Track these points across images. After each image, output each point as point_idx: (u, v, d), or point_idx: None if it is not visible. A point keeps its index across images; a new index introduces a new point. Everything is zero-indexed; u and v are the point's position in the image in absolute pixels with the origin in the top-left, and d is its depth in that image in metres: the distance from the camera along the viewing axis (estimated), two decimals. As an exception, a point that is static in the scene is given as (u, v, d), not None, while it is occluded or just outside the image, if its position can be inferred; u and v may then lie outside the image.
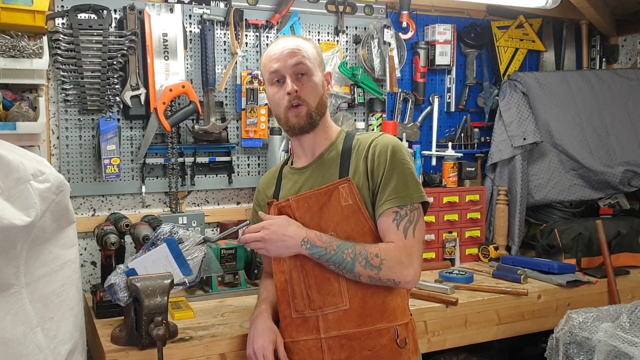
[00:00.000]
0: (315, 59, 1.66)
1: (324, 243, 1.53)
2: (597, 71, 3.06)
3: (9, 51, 1.97)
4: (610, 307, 2.01)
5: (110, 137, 2.19)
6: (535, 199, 2.78)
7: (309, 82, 1.62)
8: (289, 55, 1.62)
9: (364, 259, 1.50)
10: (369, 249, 1.52)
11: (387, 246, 1.52)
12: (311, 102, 1.62)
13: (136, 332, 1.61)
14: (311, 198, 1.61)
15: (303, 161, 1.71)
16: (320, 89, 1.65)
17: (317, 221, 1.59)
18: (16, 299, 1.46)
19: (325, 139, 1.68)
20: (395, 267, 1.51)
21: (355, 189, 1.56)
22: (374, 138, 1.62)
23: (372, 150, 1.58)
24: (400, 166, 1.56)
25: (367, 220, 1.56)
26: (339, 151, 1.65)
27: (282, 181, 1.75)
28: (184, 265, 1.69)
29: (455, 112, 2.95)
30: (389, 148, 1.57)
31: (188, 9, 2.38)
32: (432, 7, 2.86)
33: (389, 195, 1.54)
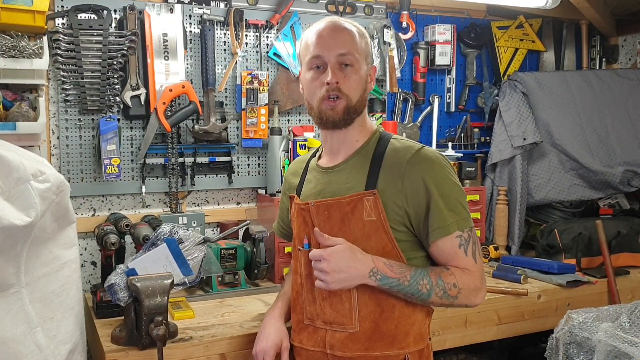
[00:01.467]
0: (364, 50, 1.48)
1: (397, 273, 1.38)
2: (597, 71, 3.05)
3: (9, 51, 1.97)
4: (610, 307, 2.01)
5: (110, 137, 2.19)
6: (535, 199, 2.78)
7: (354, 75, 1.45)
8: (337, 41, 1.44)
9: (442, 289, 1.39)
10: (445, 277, 1.40)
11: (463, 274, 1.41)
12: (352, 97, 1.45)
13: (136, 332, 1.61)
14: (332, 207, 1.47)
15: (330, 159, 1.56)
16: (364, 84, 1.48)
17: (335, 233, 1.44)
18: (16, 298, 1.46)
19: (356, 140, 1.51)
20: (471, 294, 1.42)
21: (381, 205, 1.41)
22: (413, 153, 1.43)
23: (410, 169, 1.41)
24: (452, 187, 1.42)
25: (389, 240, 1.42)
26: (370, 156, 1.48)
27: (307, 175, 1.62)
28: (184, 265, 1.69)
29: (455, 112, 2.95)
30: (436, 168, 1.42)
31: (188, 9, 2.38)
32: (432, 7, 2.86)
33: (442, 222, 1.39)
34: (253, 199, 2.58)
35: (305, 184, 1.60)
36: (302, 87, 1.53)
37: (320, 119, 1.48)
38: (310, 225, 1.51)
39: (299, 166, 1.68)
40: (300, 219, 1.56)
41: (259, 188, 2.56)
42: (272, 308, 1.68)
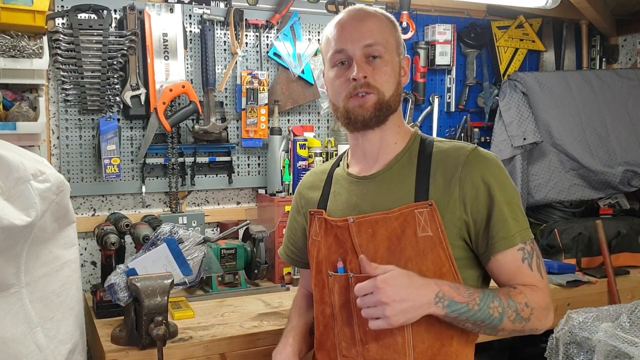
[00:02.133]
0: (394, 38, 1.31)
1: (465, 297, 1.16)
2: (597, 71, 3.05)
3: (9, 51, 1.97)
4: (610, 307, 2.01)
5: (110, 137, 2.19)
6: (535, 198, 2.78)
7: (384, 66, 1.27)
8: (361, 31, 1.27)
9: (514, 312, 1.18)
10: (516, 297, 1.20)
11: (532, 292, 1.22)
12: (384, 91, 1.27)
13: (136, 332, 1.61)
14: (378, 223, 1.25)
15: (363, 167, 1.36)
16: (397, 77, 1.30)
17: (382, 253, 1.25)
18: (16, 298, 1.46)
19: (395, 143, 1.33)
20: (541, 314, 1.22)
21: (439, 217, 1.22)
22: (468, 153, 1.26)
23: (469, 172, 1.23)
24: (513, 192, 1.26)
25: (447, 258, 1.22)
26: (414, 162, 1.29)
27: (331, 186, 1.40)
28: (184, 265, 1.69)
29: (455, 112, 2.95)
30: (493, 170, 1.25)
31: (188, 9, 2.38)
32: (432, 7, 2.86)
33: (506, 232, 1.22)
34: (253, 199, 2.58)
35: (333, 197, 1.39)
36: (326, 87, 1.38)
37: (348, 118, 1.29)
38: (349, 246, 1.30)
39: (318, 178, 1.47)
40: (330, 239, 1.34)
41: (259, 188, 2.56)
42: (282, 346, 1.41)
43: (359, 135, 1.33)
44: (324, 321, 1.35)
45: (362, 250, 1.27)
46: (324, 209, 1.38)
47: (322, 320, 1.36)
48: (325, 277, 1.34)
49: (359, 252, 1.27)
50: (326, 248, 1.35)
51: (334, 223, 1.33)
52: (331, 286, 1.32)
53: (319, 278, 1.36)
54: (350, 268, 1.29)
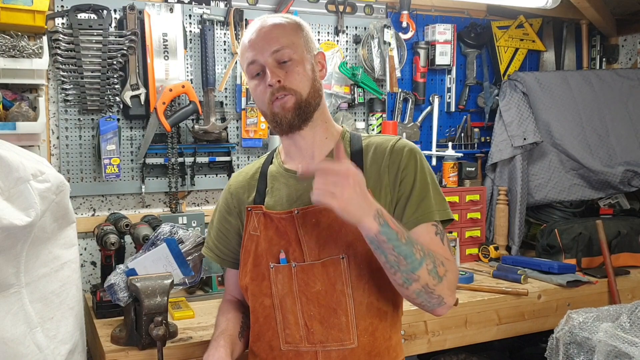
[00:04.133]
0: (301, 38, 1.37)
1: (397, 227, 1.21)
2: (598, 71, 3.05)
3: (8, 51, 1.97)
4: (611, 307, 2.01)
5: (110, 137, 2.19)
6: (535, 198, 2.78)
7: (295, 67, 1.34)
8: (266, 40, 1.34)
9: (432, 262, 1.23)
10: (435, 253, 1.26)
11: (447, 261, 1.28)
12: (300, 91, 1.34)
13: (136, 332, 1.61)
14: (321, 212, 1.32)
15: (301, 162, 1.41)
16: (310, 74, 1.36)
17: (324, 241, 1.33)
18: (16, 298, 1.46)
19: (326, 138, 1.41)
20: (450, 286, 1.27)
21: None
22: (394, 142, 1.38)
23: (396, 158, 1.35)
24: (431, 177, 1.36)
25: None
26: (348, 154, 1.37)
27: (268, 184, 1.45)
28: (184, 265, 1.69)
29: (456, 112, 2.95)
30: (417, 156, 1.36)
31: (188, 9, 2.38)
32: (432, 7, 2.86)
33: (428, 207, 1.31)
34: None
35: (271, 194, 1.43)
36: (252, 97, 1.44)
37: (275, 122, 1.37)
38: (293, 237, 1.36)
39: (249, 177, 1.51)
40: (271, 232, 1.39)
41: (259, 188, 2.56)
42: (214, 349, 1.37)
43: (290, 137, 1.41)
44: (264, 312, 1.39)
45: (305, 240, 1.35)
46: (262, 204, 1.43)
47: (262, 311, 1.39)
48: (265, 269, 1.38)
49: (302, 241, 1.35)
50: (266, 241, 1.39)
51: (276, 216, 1.38)
52: (273, 277, 1.37)
53: (257, 271, 1.40)
54: (293, 258, 1.36)
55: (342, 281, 1.32)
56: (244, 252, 1.44)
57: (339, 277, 1.32)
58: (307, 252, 1.35)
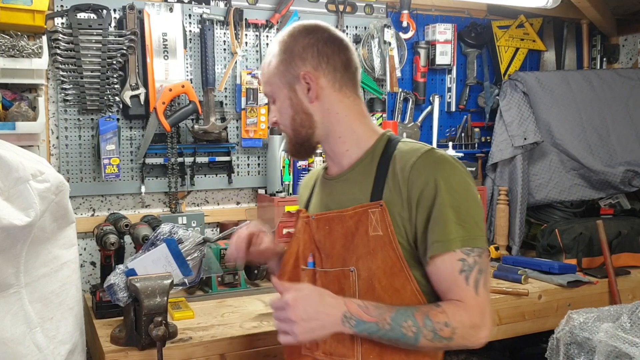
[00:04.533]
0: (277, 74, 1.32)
1: (373, 316, 1.17)
2: (598, 71, 3.05)
3: (8, 51, 1.97)
4: (611, 308, 2.00)
5: (110, 137, 2.18)
6: (535, 199, 2.78)
7: (279, 107, 1.35)
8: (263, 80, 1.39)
9: (431, 331, 1.16)
10: (434, 317, 1.17)
11: (456, 309, 1.18)
12: (287, 131, 1.36)
13: (136, 332, 1.61)
14: (334, 220, 1.32)
15: (334, 170, 1.40)
16: (289, 111, 1.33)
17: (338, 250, 1.31)
18: (16, 299, 1.46)
19: (347, 150, 1.34)
20: (468, 333, 1.18)
21: (389, 217, 1.23)
22: (420, 155, 1.24)
23: (416, 172, 1.22)
24: (465, 195, 1.21)
25: (398, 259, 1.23)
26: (376, 163, 1.30)
27: (315, 187, 1.48)
28: (184, 266, 1.69)
29: (456, 111, 2.94)
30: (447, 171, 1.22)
31: (188, 9, 2.37)
32: (433, 7, 2.86)
33: (443, 235, 1.19)
34: (253, 199, 2.58)
35: (314, 197, 1.46)
36: None
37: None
38: (312, 242, 1.36)
39: (310, 179, 1.54)
40: (306, 235, 1.41)
41: (258, 188, 2.56)
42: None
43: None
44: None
45: (321, 246, 1.35)
46: (307, 207, 1.47)
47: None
48: (299, 271, 1.41)
49: (319, 247, 1.36)
50: (303, 244, 1.42)
51: (303, 220, 1.41)
52: (303, 280, 1.39)
53: (295, 272, 1.42)
54: (318, 263, 1.37)
55: (351, 294, 1.28)
56: (288, 253, 1.46)
57: (347, 290, 1.29)
58: (324, 259, 1.35)
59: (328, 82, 1.31)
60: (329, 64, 1.30)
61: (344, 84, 1.32)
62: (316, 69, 1.30)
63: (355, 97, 1.35)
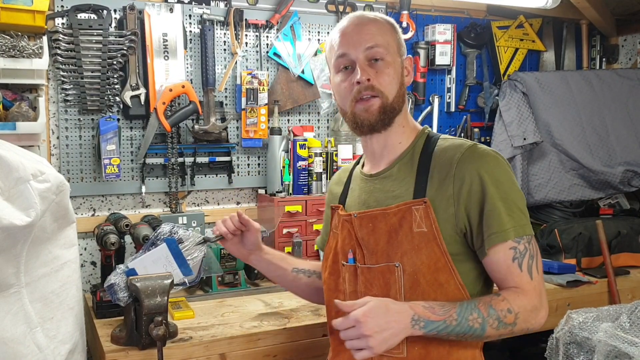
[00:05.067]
0: (395, 40, 1.35)
1: (440, 315, 1.20)
2: (597, 71, 3.05)
3: (8, 51, 1.97)
4: (611, 307, 2.01)
5: (110, 137, 2.19)
6: (535, 198, 2.78)
7: (386, 68, 1.31)
8: (362, 34, 1.31)
9: (495, 319, 1.21)
10: (497, 305, 1.22)
11: (516, 295, 1.24)
12: (388, 94, 1.31)
13: (136, 332, 1.61)
14: (377, 218, 1.33)
15: (372, 166, 1.43)
16: (399, 78, 1.34)
17: (382, 246, 1.32)
18: (16, 298, 1.46)
19: (399, 143, 1.37)
20: (529, 316, 1.24)
21: (433, 214, 1.26)
22: (464, 150, 1.28)
23: (462, 169, 1.26)
24: (505, 188, 1.26)
25: (442, 254, 1.26)
26: (417, 160, 1.34)
27: (350, 184, 1.49)
28: (184, 265, 1.69)
29: (456, 112, 2.95)
30: (487, 166, 1.26)
31: (188, 9, 2.38)
32: (432, 7, 2.86)
33: (499, 227, 1.24)
34: (253, 199, 2.58)
35: (350, 194, 1.47)
36: (333, 92, 1.42)
37: (355, 123, 1.35)
38: (354, 239, 1.39)
39: (343, 175, 1.56)
40: (345, 232, 1.42)
41: (259, 188, 2.56)
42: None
43: (367, 138, 1.40)
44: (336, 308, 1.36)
45: (364, 243, 1.36)
46: (343, 204, 1.47)
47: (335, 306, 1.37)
48: (339, 266, 1.43)
49: (362, 245, 1.36)
50: (341, 240, 1.43)
51: (344, 217, 1.41)
52: (344, 275, 1.41)
53: (335, 267, 1.45)
54: (359, 259, 1.37)
55: (396, 289, 1.30)
56: (327, 247, 1.50)
57: (393, 285, 1.31)
58: (366, 255, 1.36)
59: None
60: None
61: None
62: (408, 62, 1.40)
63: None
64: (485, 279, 1.34)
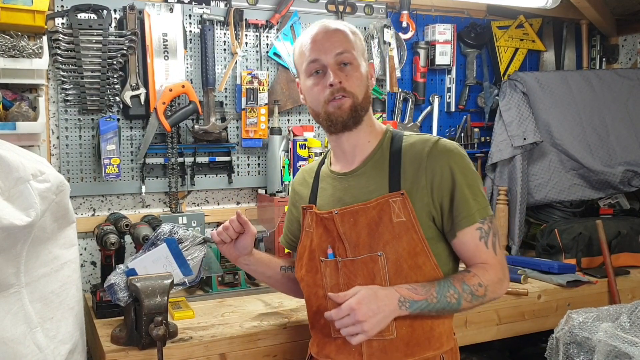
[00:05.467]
0: (360, 47, 1.47)
1: (422, 294, 1.35)
2: (597, 71, 3.05)
3: (8, 51, 1.97)
4: (611, 307, 2.01)
5: (110, 137, 2.19)
6: (535, 198, 2.78)
7: (355, 72, 1.43)
8: (332, 42, 1.43)
9: (469, 294, 1.37)
10: (469, 280, 1.38)
11: (485, 270, 1.40)
12: (357, 94, 1.43)
13: (136, 332, 1.61)
14: (358, 213, 1.43)
15: (344, 165, 1.52)
16: (366, 81, 1.46)
17: (364, 239, 1.43)
18: (16, 298, 1.46)
19: (368, 142, 1.49)
20: (496, 287, 1.41)
21: (410, 204, 1.39)
22: (432, 145, 1.42)
23: (432, 161, 1.40)
24: (470, 176, 1.42)
25: (420, 239, 1.39)
26: (387, 156, 1.46)
27: (319, 184, 1.57)
28: (184, 265, 1.69)
29: (455, 112, 2.95)
30: (454, 157, 1.41)
31: (188, 9, 2.38)
32: (432, 7, 2.86)
33: (467, 211, 1.39)
34: (253, 198, 2.58)
35: (320, 193, 1.55)
36: (303, 95, 1.52)
37: (329, 121, 1.45)
38: (335, 234, 1.47)
39: (308, 175, 1.64)
40: (321, 229, 1.51)
41: (259, 188, 2.56)
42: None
43: (337, 138, 1.49)
44: (317, 302, 1.51)
45: (346, 237, 1.45)
46: (315, 203, 1.55)
47: (315, 301, 1.52)
48: (318, 263, 1.51)
49: (343, 240, 1.46)
50: (317, 237, 1.51)
51: (321, 215, 1.50)
52: (323, 270, 1.49)
53: (312, 265, 1.53)
54: (339, 253, 1.47)
55: (381, 276, 1.41)
56: (301, 246, 1.57)
57: (377, 273, 1.41)
58: (348, 249, 1.45)
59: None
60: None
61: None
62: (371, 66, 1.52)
63: None
64: (454, 258, 1.48)
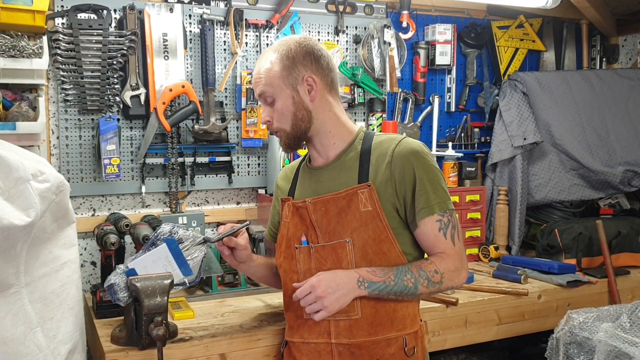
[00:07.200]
0: (281, 75, 1.54)
1: (380, 277, 1.47)
2: (598, 71, 3.05)
3: (8, 51, 1.97)
4: (611, 307, 2.01)
5: (110, 137, 2.19)
6: (535, 198, 2.78)
7: (277, 108, 1.55)
8: (256, 82, 1.57)
9: (425, 279, 1.48)
10: (426, 267, 1.49)
11: (442, 260, 1.51)
12: (285, 127, 1.57)
13: (136, 332, 1.61)
14: (329, 202, 1.55)
15: (319, 161, 1.65)
16: (291, 108, 1.55)
17: (333, 226, 1.54)
18: (16, 298, 1.46)
19: (334, 143, 1.60)
20: (453, 275, 1.51)
21: (376, 195, 1.51)
22: (397, 143, 1.54)
23: (397, 157, 1.52)
24: (431, 172, 1.52)
25: (385, 227, 1.51)
26: (358, 153, 1.58)
27: (299, 178, 1.70)
28: (184, 265, 1.69)
29: (456, 112, 2.95)
30: (416, 154, 1.52)
31: (188, 9, 2.38)
32: (432, 7, 2.86)
33: (426, 203, 1.49)
34: (253, 198, 2.58)
35: (298, 186, 1.68)
36: None
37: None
38: (308, 222, 1.59)
39: (290, 172, 1.75)
40: (296, 218, 1.62)
41: (259, 188, 2.56)
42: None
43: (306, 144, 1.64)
44: (292, 287, 1.57)
45: (317, 225, 1.57)
46: (292, 196, 1.67)
47: (290, 286, 1.59)
48: (293, 250, 1.62)
49: (315, 227, 1.57)
50: (293, 226, 1.63)
51: (297, 205, 1.62)
52: (297, 257, 1.61)
53: (289, 252, 1.64)
54: (311, 240, 1.59)
55: (348, 261, 1.53)
56: (280, 235, 1.69)
57: (344, 257, 1.53)
58: (320, 236, 1.57)
59: (322, 84, 1.57)
60: (322, 69, 1.57)
61: (332, 86, 1.61)
62: (314, 73, 1.56)
63: (338, 97, 1.63)
64: (418, 248, 1.58)
